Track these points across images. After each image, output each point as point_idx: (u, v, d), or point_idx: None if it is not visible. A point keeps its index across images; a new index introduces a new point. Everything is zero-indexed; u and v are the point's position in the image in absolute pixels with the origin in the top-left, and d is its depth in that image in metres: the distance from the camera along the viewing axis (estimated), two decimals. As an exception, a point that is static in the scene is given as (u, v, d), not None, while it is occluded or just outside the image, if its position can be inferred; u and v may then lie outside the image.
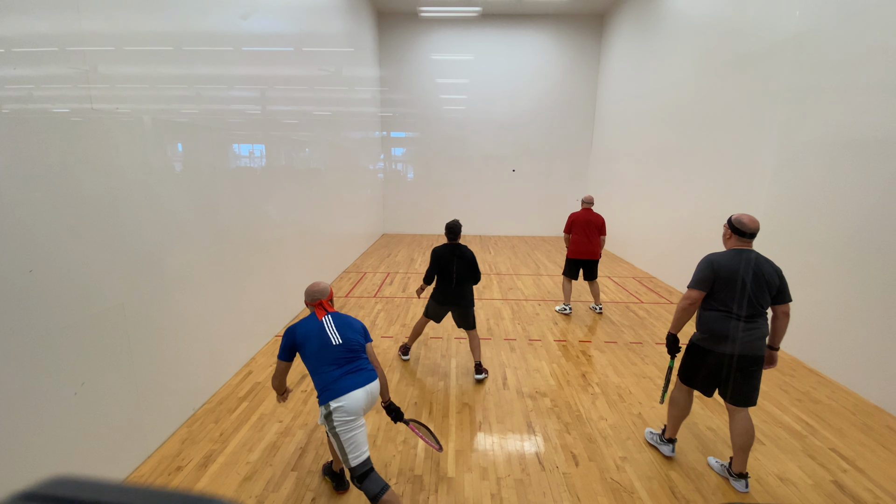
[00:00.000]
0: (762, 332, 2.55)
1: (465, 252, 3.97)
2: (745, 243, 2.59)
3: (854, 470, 2.84)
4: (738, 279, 2.52)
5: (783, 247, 4.69)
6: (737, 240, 2.60)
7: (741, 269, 2.52)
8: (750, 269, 2.52)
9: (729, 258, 2.57)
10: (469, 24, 11.08)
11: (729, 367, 2.56)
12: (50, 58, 2.19)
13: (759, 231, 2.61)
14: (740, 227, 2.57)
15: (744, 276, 2.51)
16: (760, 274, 2.52)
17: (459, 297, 3.96)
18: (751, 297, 2.52)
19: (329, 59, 6.95)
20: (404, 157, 11.99)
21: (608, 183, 10.34)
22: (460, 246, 4.00)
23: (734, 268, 2.54)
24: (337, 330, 2.38)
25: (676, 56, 7.20)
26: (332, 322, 2.41)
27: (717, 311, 2.59)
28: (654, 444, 3.03)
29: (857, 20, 3.92)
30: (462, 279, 3.94)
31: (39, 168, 2.11)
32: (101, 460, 2.52)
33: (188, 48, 3.32)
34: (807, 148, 4.41)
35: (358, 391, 2.22)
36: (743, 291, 2.52)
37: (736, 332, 2.52)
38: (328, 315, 2.44)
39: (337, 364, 2.28)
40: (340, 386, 2.22)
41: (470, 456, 2.93)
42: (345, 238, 8.04)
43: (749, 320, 2.53)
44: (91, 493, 0.30)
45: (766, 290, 2.52)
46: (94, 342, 2.43)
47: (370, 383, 2.30)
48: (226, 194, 3.83)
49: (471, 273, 3.96)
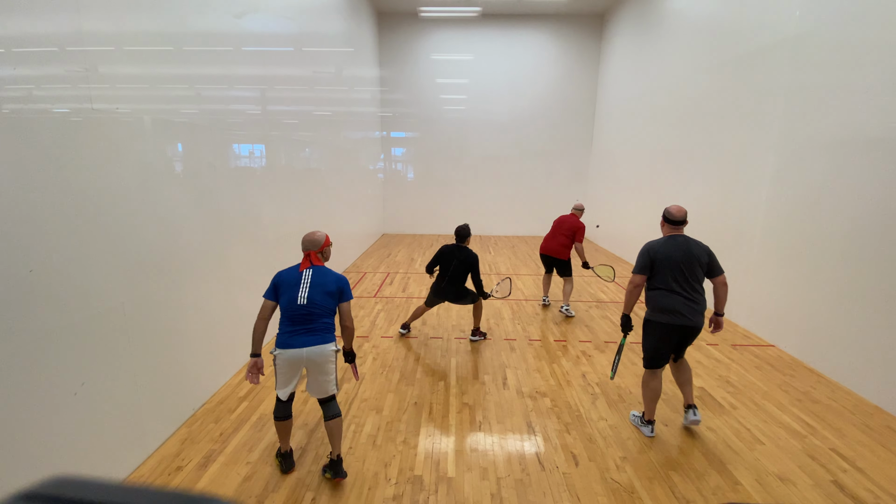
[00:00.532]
0: (701, 307, 2.99)
1: (467, 255, 4.34)
2: (676, 230, 3.07)
3: (854, 470, 2.84)
4: (671, 260, 2.97)
5: (783, 246, 4.69)
6: (669, 227, 3.09)
7: (673, 252, 2.98)
8: (680, 250, 2.98)
9: (662, 243, 3.03)
10: (469, 24, 11.08)
11: (671, 334, 3.01)
12: (50, 58, 2.19)
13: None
14: (670, 216, 3.07)
15: (676, 256, 2.97)
16: (690, 254, 2.97)
17: (449, 293, 4.43)
18: (685, 274, 2.96)
19: (329, 59, 6.95)
20: (404, 157, 11.99)
21: (608, 183, 10.34)
22: (464, 249, 4.36)
23: (668, 251, 2.99)
24: (309, 289, 2.59)
25: (676, 56, 7.20)
26: (310, 279, 2.61)
27: (660, 290, 3.01)
28: (637, 426, 3.29)
29: (857, 20, 3.92)
30: (455, 278, 4.36)
31: (39, 168, 2.11)
32: (101, 460, 2.52)
33: (188, 48, 3.32)
34: (807, 148, 4.41)
35: (295, 350, 2.52)
36: (677, 269, 2.97)
37: (678, 304, 2.96)
38: (311, 269, 2.64)
39: (292, 321, 2.55)
40: (285, 341, 2.54)
41: (470, 456, 2.93)
42: (345, 238, 8.04)
43: (688, 296, 2.96)
44: (91, 493, 0.30)
45: (697, 267, 2.97)
46: (94, 342, 2.43)
47: (312, 346, 2.54)
48: (226, 194, 3.83)
49: (465, 275, 4.34)
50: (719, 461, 2.91)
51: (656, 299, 3.02)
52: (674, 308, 2.95)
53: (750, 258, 5.18)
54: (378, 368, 4.13)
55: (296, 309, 2.55)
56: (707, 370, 4.18)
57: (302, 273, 2.62)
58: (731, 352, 4.60)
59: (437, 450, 2.99)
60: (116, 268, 2.58)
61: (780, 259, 4.75)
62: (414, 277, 7.42)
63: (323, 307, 2.60)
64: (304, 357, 2.56)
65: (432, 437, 3.13)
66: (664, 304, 2.98)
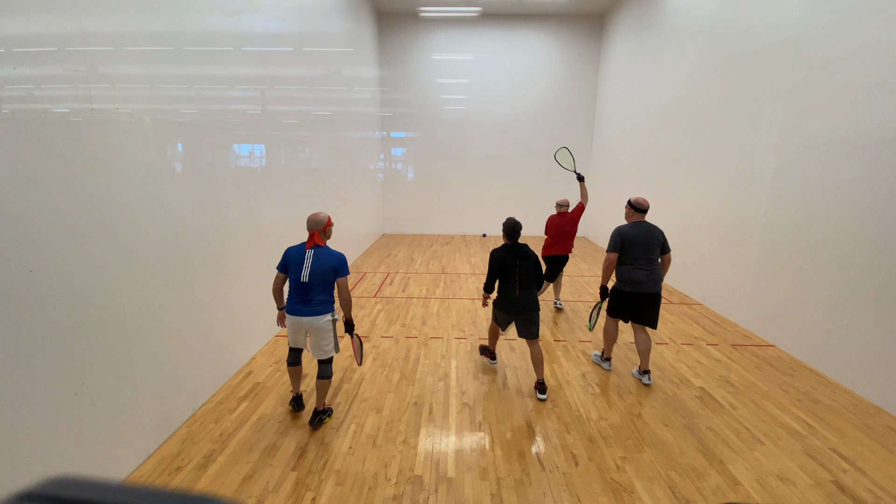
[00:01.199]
0: (657, 276, 3.77)
1: (528, 252, 3.60)
2: (640, 217, 3.85)
3: (854, 470, 2.84)
4: (638, 241, 3.74)
5: (783, 246, 4.69)
6: (635, 215, 3.86)
7: (639, 234, 3.76)
8: (645, 233, 3.77)
9: (630, 228, 3.80)
10: (469, 24, 11.08)
11: (639, 301, 3.80)
12: (50, 58, 2.19)
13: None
14: (637, 206, 3.84)
15: (641, 239, 3.75)
16: (652, 236, 3.77)
17: (525, 302, 3.61)
18: (647, 253, 3.74)
19: (329, 59, 6.95)
20: (404, 157, 11.99)
21: (608, 183, 10.34)
22: (521, 246, 3.62)
23: (635, 234, 3.76)
24: (311, 266, 3.04)
25: (676, 56, 7.20)
26: (312, 257, 3.05)
27: (627, 265, 3.79)
28: (597, 363, 4.21)
29: (857, 20, 3.92)
30: (526, 283, 3.60)
31: (39, 168, 2.11)
32: (101, 460, 2.52)
33: (188, 48, 3.32)
34: (807, 147, 4.41)
35: (297, 318, 3.08)
36: (642, 249, 3.74)
37: (640, 276, 3.74)
38: (314, 248, 3.07)
39: (296, 294, 3.07)
40: (290, 308, 3.10)
41: (470, 456, 2.93)
42: (345, 238, 8.03)
43: (647, 269, 3.74)
44: (91, 493, 0.30)
45: (656, 247, 3.77)
46: (94, 342, 2.43)
47: (309, 317, 3.06)
48: (226, 194, 3.83)
49: (536, 275, 3.62)
50: (719, 461, 2.91)
51: (624, 273, 3.80)
52: (637, 280, 3.74)
53: (750, 258, 5.17)
54: (378, 368, 4.13)
55: (299, 285, 3.05)
56: (707, 370, 4.18)
57: (306, 252, 3.07)
58: (731, 352, 4.60)
59: (437, 450, 2.99)
60: (116, 268, 2.58)
61: (779, 259, 4.75)
62: (414, 277, 7.43)
63: (322, 284, 3.06)
64: (305, 324, 3.09)
65: (432, 437, 3.13)
66: (630, 277, 3.76)
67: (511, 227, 3.65)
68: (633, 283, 3.74)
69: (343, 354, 4.32)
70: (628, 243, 3.75)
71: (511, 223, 3.66)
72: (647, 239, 3.73)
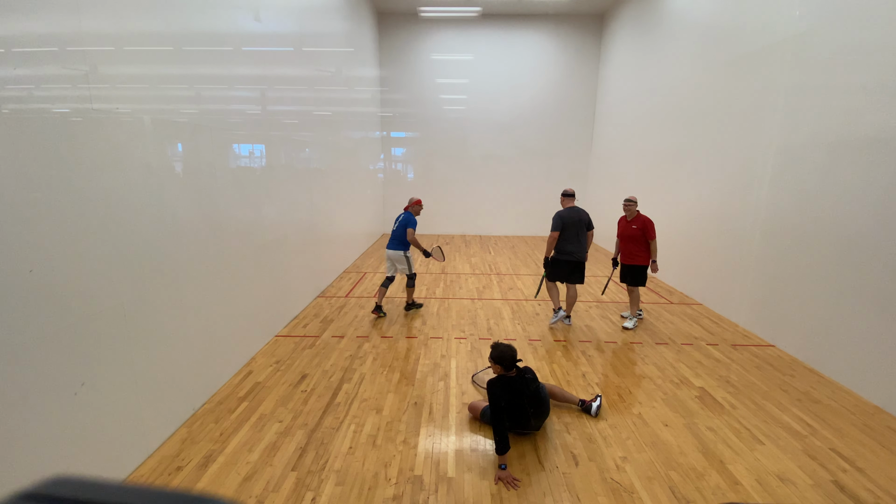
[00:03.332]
0: (584, 249, 5.06)
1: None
2: (571, 201, 5.14)
3: (854, 470, 2.84)
4: (572, 222, 5.02)
5: (783, 246, 4.69)
6: (568, 201, 5.15)
7: (574, 216, 5.03)
8: (577, 216, 5.05)
9: (568, 212, 5.06)
10: (469, 24, 11.08)
11: (570, 266, 5.09)
12: (50, 58, 2.19)
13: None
14: (566, 193, 5.16)
15: (575, 219, 5.03)
16: (581, 218, 5.05)
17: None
18: (577, 231, 5.02)
19: (329, 59, 6.95)
20: (404, 157, 11.99)
21: (608, 183, 10.34)
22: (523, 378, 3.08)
23: (571, 216, 5.03)
24: (396, 223, 5.39)
25: (676, 56, 7.20)
26: (397, 219, 5.42)
27: (565, 240, 5.04)
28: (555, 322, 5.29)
29: (857, 20, 3.92)
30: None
31: (39, 168, 2.11)
32: (101, 460, 2.52)
33: (188, 48, 3.32)
34: (806, 148, 4.41)
35: (387, 251, 5.41)
36: (573, 228, 5.02)
37: (574, 248, 5.03)
38: (403, 213, 5.41)
39: (391, 237, 5.40)
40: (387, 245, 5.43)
41: (470, 456, 2.93)
42: (345, 238, 8.04)
43: (579, 243, 5.04)
44: (91, 493, 0.30)
45: (584, 226, 5.05)
46: (94, 342, 2.43)
47: (390, 250, 5.36)
48: (226, 194, 3.83)
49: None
50: (719, 461, 2.91)
51: (562, 246, 5.07)
52: (571, 251, 5.03)
53: (750, 258, 5.17)
54: (378, 368, 4.13)
55: (392, 232, 5.40)
56: (707, 370, 4.18)
57: (399, 215, 5.43)
58: (731, 352, 4.60)
59: (437, 450, 2.99)
60: (116, 268, 2.58)
61: (779, 258, 4.75)
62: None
63: (399, 232, 5.32)
64: (390, 255, 5.39)
65: (432, 437, 3.13)
66: (567, 249, 5.05)
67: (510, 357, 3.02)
68: (568, 253, 5.04)
69: (343, 354, 4.32)
70: (566, 224, 5.00)
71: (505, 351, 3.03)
72: (578, 220, 5.02)
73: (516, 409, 2.94)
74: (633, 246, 5.17)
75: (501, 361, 3.00)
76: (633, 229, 5.13)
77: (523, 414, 2.96)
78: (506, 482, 2.66)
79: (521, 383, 3.00)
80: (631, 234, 5.17)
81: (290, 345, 4.62)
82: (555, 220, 5.00)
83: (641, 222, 5.10)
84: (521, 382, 3.00)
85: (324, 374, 4.00)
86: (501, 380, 2.96)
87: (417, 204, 5.42)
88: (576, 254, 5.02)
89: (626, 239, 5.21)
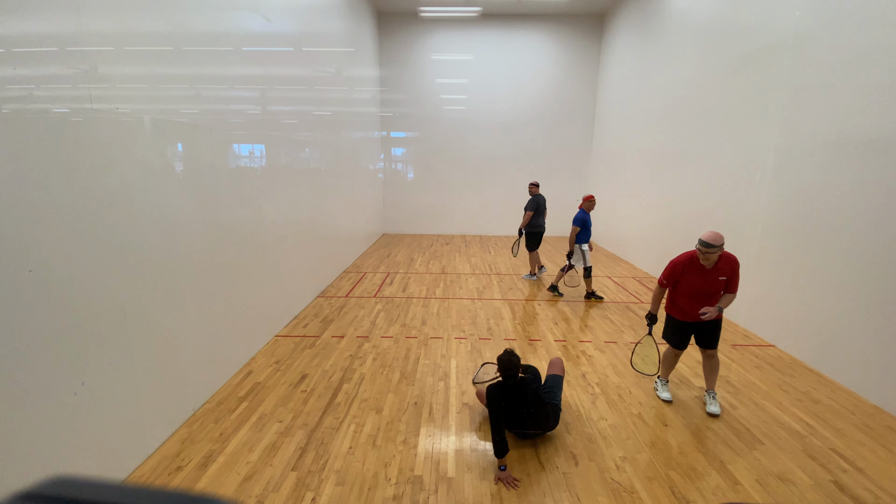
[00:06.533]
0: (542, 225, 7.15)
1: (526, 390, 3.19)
2: (536, 189, 6.99)
3: (854, 470, 2.84)
4: (541, 205, 7.04)
5: (783, 246, 4.69)
6: (535, 189, 7.00)
7: (542, 201, 7.01)
8: (543, 200, 7.07)
9: (537, 197, 6.95)
10: (469, 24, 11.08)
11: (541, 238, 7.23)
12: (50, 58, 2.19)
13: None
14: (533, 183, 7.05)
15: (543, 204, 7.07)
16: (543, 200, 7.06)
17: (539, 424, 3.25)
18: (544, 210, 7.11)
19: (329, 59, 6.95)
20: (404, 157, 11.98)
21: (608, 183, 10.34)
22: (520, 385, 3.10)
23: (540, 201, 6.98)
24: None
25: (676, 56, 7.20)
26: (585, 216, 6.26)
27: (536, 219, 7.02)
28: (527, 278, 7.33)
29: (857, 20, 3.92)
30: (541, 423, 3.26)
31: (39, 168, 2.11)
32: (101, 460, 2.52)
33: (188, 48, 3.32)
34: (807, 148, 4.41)
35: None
36: (542, 208, 7.08)
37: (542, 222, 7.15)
38: (580, 210, 6.22)
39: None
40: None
41: (470, 456, 2.93)
42: (345, 238, 8.04)
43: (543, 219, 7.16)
44: (91, 493, 0.30)
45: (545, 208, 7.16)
46: (94, 342, 2.43)
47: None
48: (226, 194, 3.83)
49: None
50: (719, 461, 2.91)
51: (533, 221, 7.03)
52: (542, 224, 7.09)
53: (750, 258, 5.17)
54: (378, 368, 4.13)
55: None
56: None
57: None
58: (731, 352, 4.60)
59: (437, 450, 2.99)
60: (116, 268, 2.58)
61: (779, 259, 4.75)
62: (414, 277, 7.43)
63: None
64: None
65: (432, 437, 3.13)
66: (537, 223, 7.06)
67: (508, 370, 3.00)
68: (538, 226, 7.07)
69: (343, 354, 4.32)
70: (539, 208, 7.02)
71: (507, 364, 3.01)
72: (544, 203, 7.09)
73: (514, 413, 3.00)
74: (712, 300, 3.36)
75: (502, 371, 3.06)
76: (720, 281, 3.33)
77: (520, 417, 3.02)
78: (506, 482, 2.67)
79: (520, 389, 3.05)
80: (712, 286, 3.34)
81: (290, 345, 4.62)
82: (530, 203, 6.99)
83: (730, 266, 3.34)
84: (520, 388, 3.05)
85: (324, 374, 4.00)
86: (500, 386, 3.03)
87: (588, 200, 6.14)
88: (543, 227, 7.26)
89: (704, 296, 3.37)
